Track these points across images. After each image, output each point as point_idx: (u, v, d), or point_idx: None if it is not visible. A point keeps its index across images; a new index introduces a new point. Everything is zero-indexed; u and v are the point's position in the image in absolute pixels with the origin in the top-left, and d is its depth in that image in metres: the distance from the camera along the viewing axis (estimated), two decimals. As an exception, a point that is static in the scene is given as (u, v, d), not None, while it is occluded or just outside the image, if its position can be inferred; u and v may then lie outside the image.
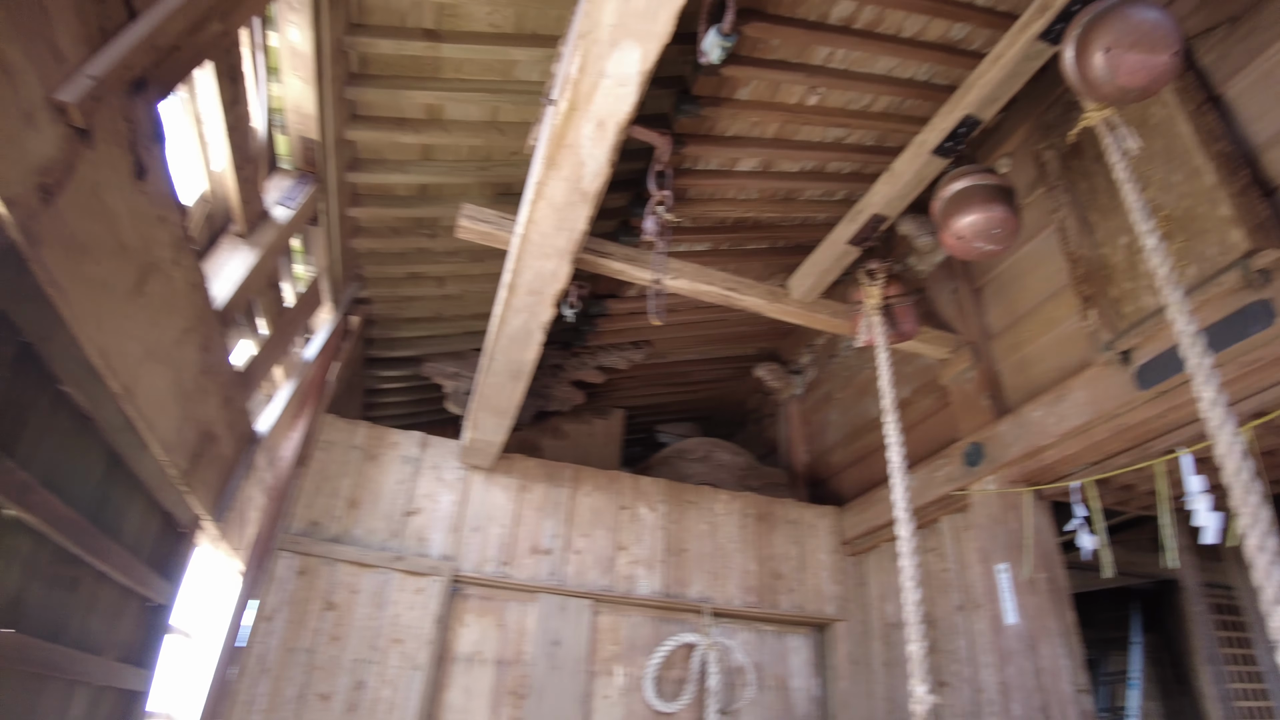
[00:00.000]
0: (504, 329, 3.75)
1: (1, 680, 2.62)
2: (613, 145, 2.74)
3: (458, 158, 4.21)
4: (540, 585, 4.83)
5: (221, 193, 3.35)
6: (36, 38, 1.85)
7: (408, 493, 4.85)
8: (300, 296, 4.46)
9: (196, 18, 2.38)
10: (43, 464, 2.64)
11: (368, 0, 3.29)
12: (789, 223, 5.29)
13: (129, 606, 3.65)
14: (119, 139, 2.27)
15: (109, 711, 3.57)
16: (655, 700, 4.76)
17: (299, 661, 4.20)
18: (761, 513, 5.61)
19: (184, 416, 3.38)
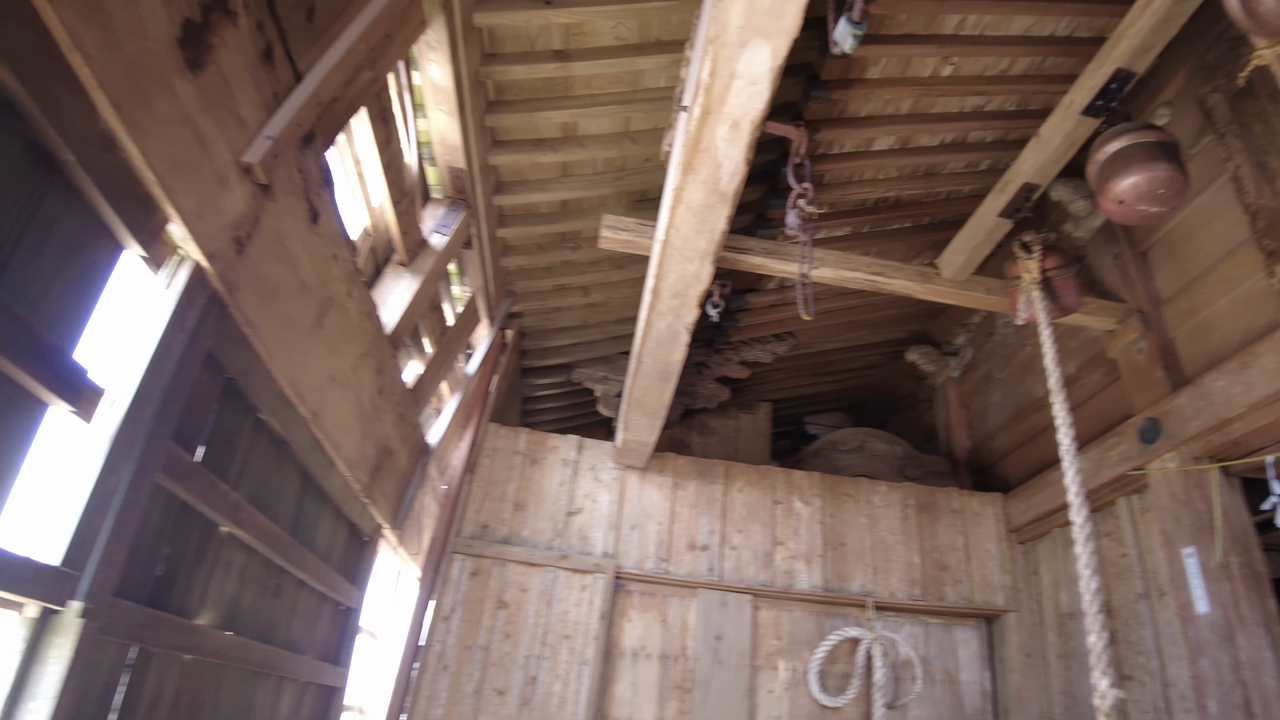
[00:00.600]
0: (650, 333, 3.82)
1: (225, 677, 2.96)
2: (748, 144, 2.74)
3: (594, 171, 4.33)
4: (700, 581, 4.89)
5: (382, 226, 3.61)
6: (223, 109, 2.08)
7: (568, 494, 5.04)
8: (459, 316, 4.74)
9: (351, 70, 2.59)
10: (249, 485, 2.96)
11: (498, 30, 3.45)
12: (932, 199, 5.08)
13: (324, 610, 4.01)
14: (295, 189, 2.51)
15: (311, 705, 3.95)
16: (820, 694, 4.71)
17: (475, 658, 4.46)
18: (923, 503, 5.43)
19: (364, 434, 3.68)
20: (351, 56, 2.52)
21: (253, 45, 2.13)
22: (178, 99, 1.89)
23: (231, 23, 2.03)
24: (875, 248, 5.29)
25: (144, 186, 1.90)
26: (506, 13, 3.28)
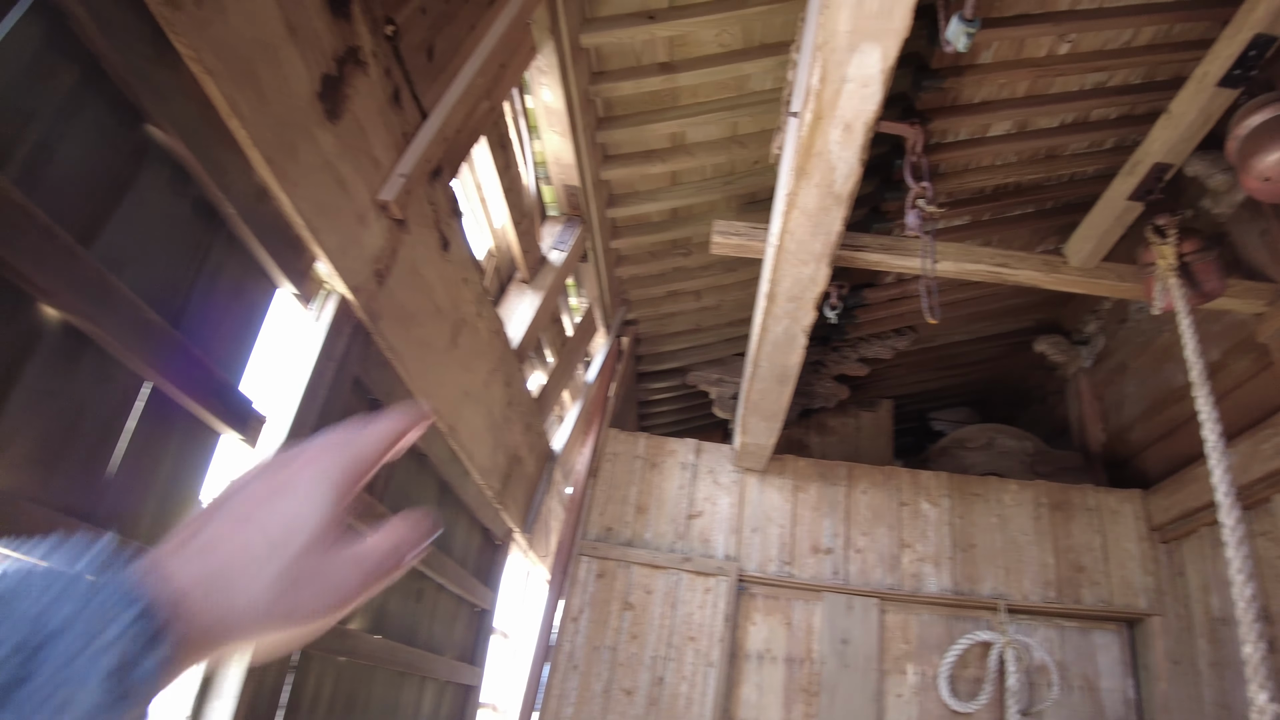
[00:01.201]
0: (766, 336, 3.81)
1: (374, 677, 3.17)
2: (862, 146, 2.70)
3: (703, 177, 4.36)
4: (824, 584, 4.84)
5: (505, 246, 3.77)
6: (359, 152, 2.24)
7: (688, 497, 5.09)
8: (578, 326, 4.88)
9: (471, 103, 2.72)
10: (394, 495, 3.16)
11: (604, 49, 3.53)
12: (1055, 182, 4.83)
13: (461, 612, 4.22)
14: (426, 221, 2.66)
15: (451, 704, 4.16)
16: (951, 699, 4.57)
17: (603, 658, 4.58)
18: (1056, 501, 5.16)
19: (495, 444, 3.86)
20: (471, 90, 2.65)
21: (382, 91, 2.28)
22: (319, 148, 2.05)
23: (363, 72, 2.18)
24: (996, 236, 5.08)
25: (294, 230, 2.08)
26: (612, 31, 3.36)
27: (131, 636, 0.33)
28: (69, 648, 0.32)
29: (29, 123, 1.37)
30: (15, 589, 0.33)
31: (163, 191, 1.69)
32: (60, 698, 0.31)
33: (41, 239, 1.36)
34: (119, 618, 0.33)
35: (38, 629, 0.32)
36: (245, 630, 0.42)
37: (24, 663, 0.31)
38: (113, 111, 1.53)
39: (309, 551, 0.45)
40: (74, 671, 0.31)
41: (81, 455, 1.51)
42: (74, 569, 0.34)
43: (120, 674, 0.33)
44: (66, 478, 1.48)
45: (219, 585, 0.41)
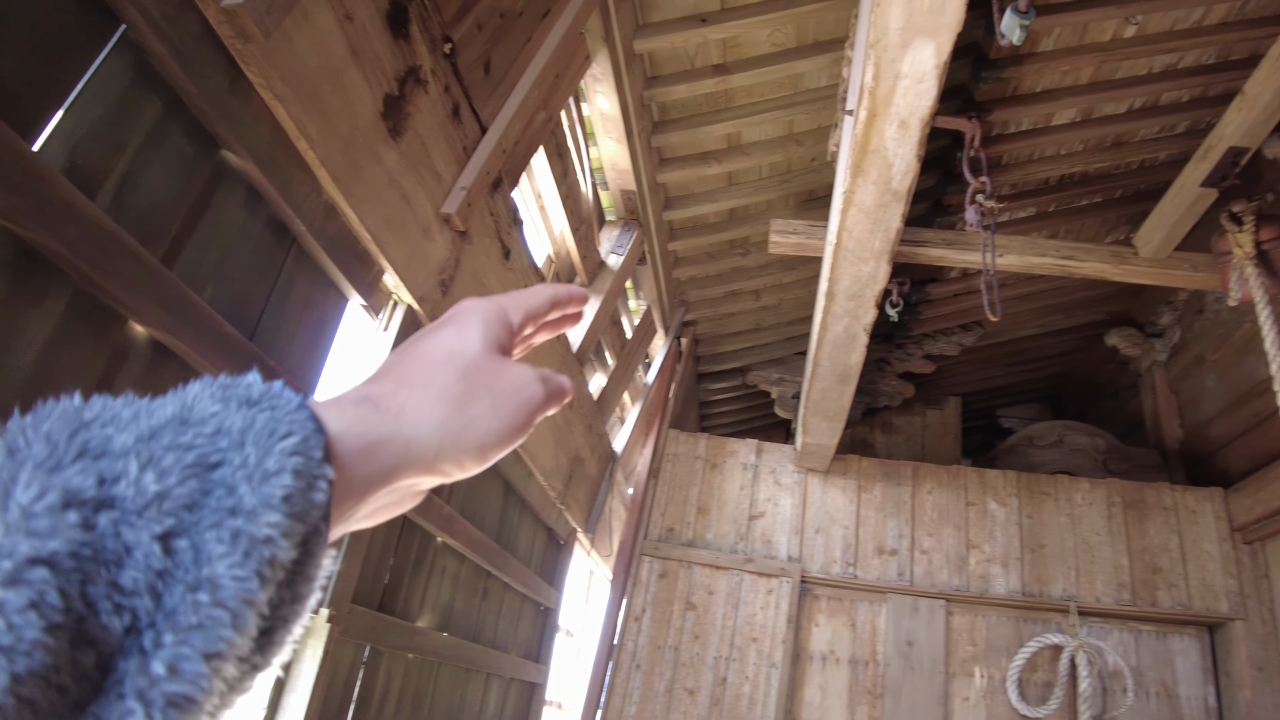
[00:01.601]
0: (826, 335, 3.79)
1: (441, 673, 3.27)
2: (918, 142, 2.67)
3: (760, 177, 4.35)
4: (889, 586, 4.78)
5: (564, 252, 3.84)
6: (422, 168, 2.32)
7: (750, 498, 5.08)
8: (636, 328, 4.92)
9: (528, 115, 2.78)
10: (459, 498, 3.25)
11: (658, 54, 3.56)
12: (1124, 170, 4.66)
13: (526, 611, 4.30)
14: (488, 231, 2.74)
15: (516, 700, 4.24)
16: (1020, 704, 4.45)
17: (666, 658, 4.61)
18: (1130, 500, 4.97)
19: (557, 446, 3.93)
20: (528, 102, 2.71)
21: (442, 107, 2.36)
22: (384, 165, 2.13)
23: (423, 90, 2.26)
24: (1063, 226, 4.94)
25: (361, 245, 2.17)
26: (665, 36, 3.39)
27: (301, 458, 0.31)
28: (244, 465, 0.30)
29: (118, 154, 1.47)
30: (189, 407, 0.32)
31: (237, 212, 1.79)
32: (237, 524, 0.29)
33: (130, 262, 1.46)
34: (286, 439, 0.31)
35: (213, 445, 0.30)
36: (416, 449, 0.39)
37: (203, 478, 0.30)
38: (191, 139, 1.63)
39: (474, 369, 0.42)
40: (250, 492, 0.30)
41: (169, 463, 1.61)
42: (231, 399, 0.33)
43: (297, 500, 0.31)
44: (155, 484, 1.58)
45: (384, 403, 0.39)
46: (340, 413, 0.37)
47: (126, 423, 0.30)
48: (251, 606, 0.29)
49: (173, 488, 0.29)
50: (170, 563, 0.28)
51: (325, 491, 0.33)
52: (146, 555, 0.27)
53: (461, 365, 0.42)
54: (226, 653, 0.29)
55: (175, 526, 0.28)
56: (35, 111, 1.32)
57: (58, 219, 1.32)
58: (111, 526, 0.27)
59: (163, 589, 0.28)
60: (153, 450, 0.29)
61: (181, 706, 0.27)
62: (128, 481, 0.28)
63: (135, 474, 0.28)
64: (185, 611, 0.28)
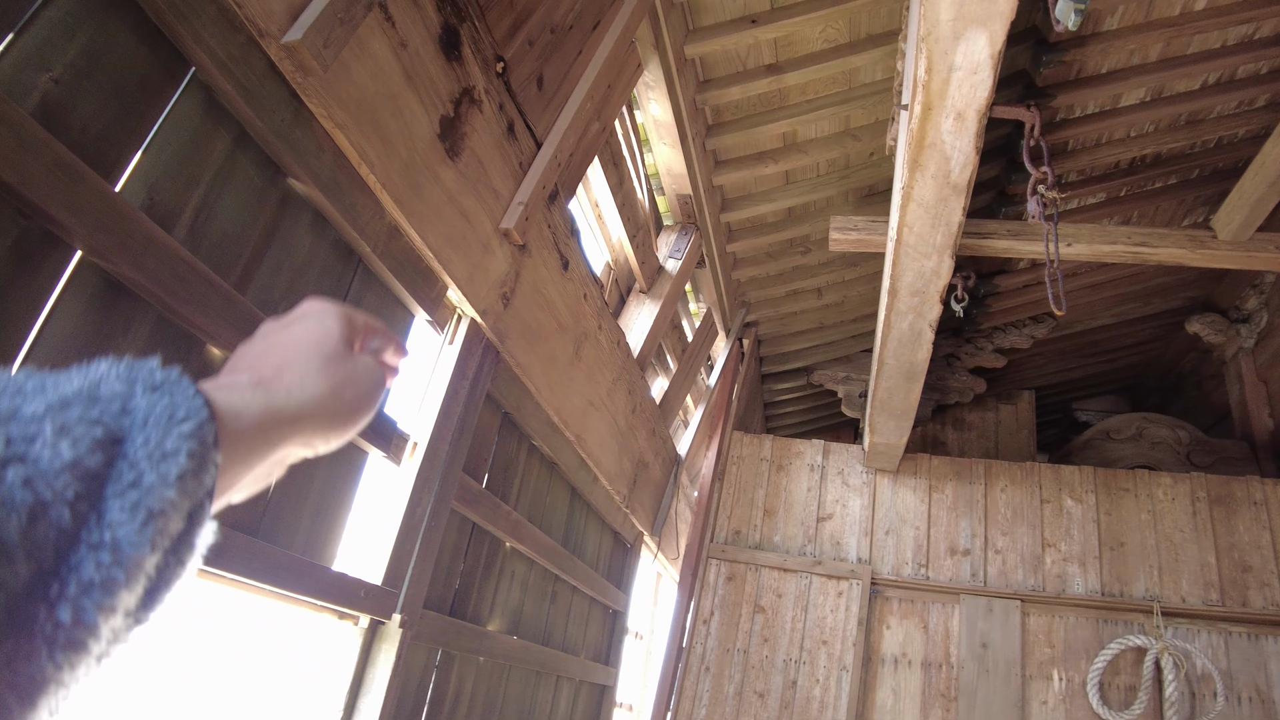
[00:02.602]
0: (890, 333, 3.73)
1: (512, 676, 3.33)
2: (976, 133, 2.61)
3: (817, 174, 4.31)
4: (962, 587, 4.66)
5: (622, 259, 3.87)
6: (480, 185, 2.38)
7: (817, 499, 5.03)
8: (697, 331, 4.93)
9: (582, 127, 2.82)
10: (527, 504, 3.31)
11: (709, 57, 3.56)
12: (1199, 149, 4.45)
13: (594, 614, 4.35)
14: (546, 243, 2.79)
15: (586, 703, 4.29)
16: (1101, 708, 4.27)
17: (735, 661, 4.59)
18: (1216, 495, 4.73)
19: (621, 450, 3.96)
20: (581, 114, 2.75)
21: (497, 125, 2.42)
22: (443, 185, 2.19)
23: (478, 109, 2.32)
24: (1136, 211, 4.74)
25: (425, 263, 2.24)
26: (715, 39, 3.39)
27: (195, 442, 0.35)
28: (145, 444, 0.33)
29: (192, 188, 1.56)
30: (96, 385, 0.34)
31: (305, 237, 1.87)
32: (137, 495, 0.32)
33: (206, 289, 1.55)
34: (183, 424, 0.34)
35: (120, 423, 0.33)
36: (300, 423, 0.44)
37: (109, 451, 0.32)
38: (259, 170, 1.71)
39: (337, 357, 0.48)
40: (150, 468, 0.33)
41: (247, 478, 1.70)
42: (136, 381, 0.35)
43: (189, 478, 0.34)
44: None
45: (273, 385, 0.44)
46: (239, 395, 0.41)
47: (32, 394, 0.32)
48: (142, 569, 0.33)
49: (84, 456, 0.31)
50: (76, 523, 0.31)
51: (212, 472, 0.36)
52: (59, 514, 0.30)
53: (327, 352, 0.48)
54: (118, 606, 0.32)
55: (83, 491, 0.31)
56: (116, 154, 1.41)
57: (139, 253, 1.41)
58: (21, 480, 0.29)
59: (68, 546, 0.31)
60: (65, 419, 0.32)
61: (77, 649, 0.31)
62: (43, 443, 0.31)
63: (50, 438, 0.31)
64: (88, 568, 0.31)
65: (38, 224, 1.28)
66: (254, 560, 1.69)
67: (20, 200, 1.23)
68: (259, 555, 1.71)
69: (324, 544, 2.01)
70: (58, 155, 1.27)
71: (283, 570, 1.78)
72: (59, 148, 1.27)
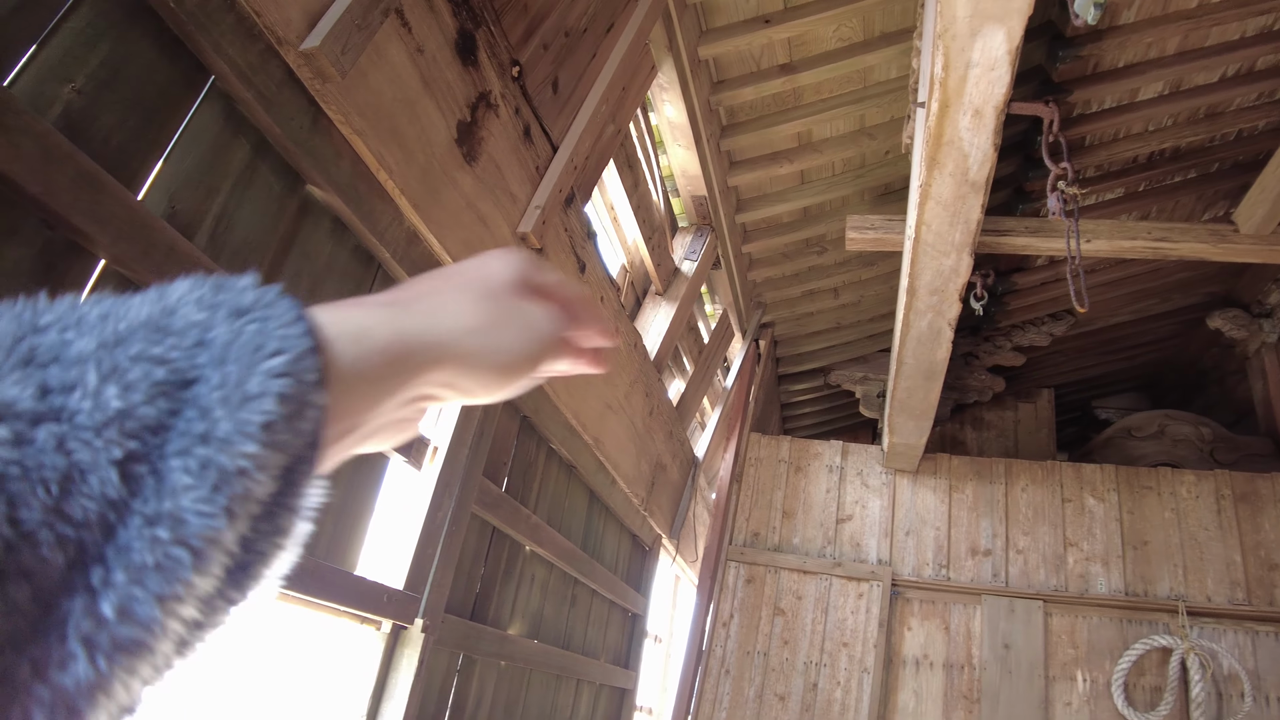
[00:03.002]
0: (909, 332, 3.70)
1: (533, 680, 3.33)
2: (994, 130, 2.59)
3: (833, 173, 4.29)
4: (983, 587, 4.62)
5: (638, 261, 3.87)
6: (497, 190, 2.38)
7: (836, 500, 5.00)
8: (713, 333, 4.92)
9: (597, 130, 2.82)
10: (546, 508, 3.31)
11: (723, 58, 3.55)
12: (1219, 142, 4.40)
13: (614, 617, 4.34)
14: (563, 247, 2.79)
15: (606, 706, 4.28)
16: (1126, 709, 4.21)
17: (755, 664, 4.57)
18: (1241, 492, 4.66)
19: (639, 453, 3.96)
20: (596, 117, 2.75)
21: (513, 129, 2.42)
22: (460, 190, 2.20)
23: (494, 114, 2.32)
24: (1155, 206, 4.69)
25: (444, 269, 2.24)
26: (729, 40, 3.38)
27: (289, 381, 0.28)
28: (223, 386, 0.26)
29: (212, 196, 1.57)
30: (170, 312, 0.28)
31: (324, 243, 1.88)
32: (207, 453, 0.25)
33: (228, 297, 1.55)
34: (274, 358, 0.28)
35: (192, 360, 0.27)
36: (440, 350, 0.36)
37: (174, 397, 0.26)
38: (278, 178, 1.72)
39: (503, 293, 0.40)
40: (226, 417, 0.26)
41: (270, 485, 1.71)
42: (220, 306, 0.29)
43: (279, 427, 0.27)
44: (259, 505, 1.67)
45: (413, 305, 0.37)
46: (364, 314, 0.34)
47: (92, 326, 0.26)
48: (216, 546, 0.26)
49: (138, 405, 0.25)
50: (127, 491, 0.25)
51: (314, 420, 0.29)
52: (102, 481, 0.24)
53: (493, 286, 0.40)
54: (185, 595, 0.26)
55: (137, 450, 0.25)
56: (138, 163, 1.42)
57: (162, 261, 1.42)
58: (54, 442, 0.24)
59: (116, 521, 0.25)
60: (117, 360, 0.26)
61: (131, 652, 0.25)
62: (84, 393, 0.25)
63: (95, 385, 0.25)
64: (141, 548, 0.25)
65: (61, 234, 1.29)
66: (277, 566, 1.69)
67: (45, 211, 1.24)
68: (282, 561, 1.71)
69: (346, 549, 2.02)
70: (81, 166, 1.28)
71: (305, 576, 1.78)
72: (83, 158, 1.28)
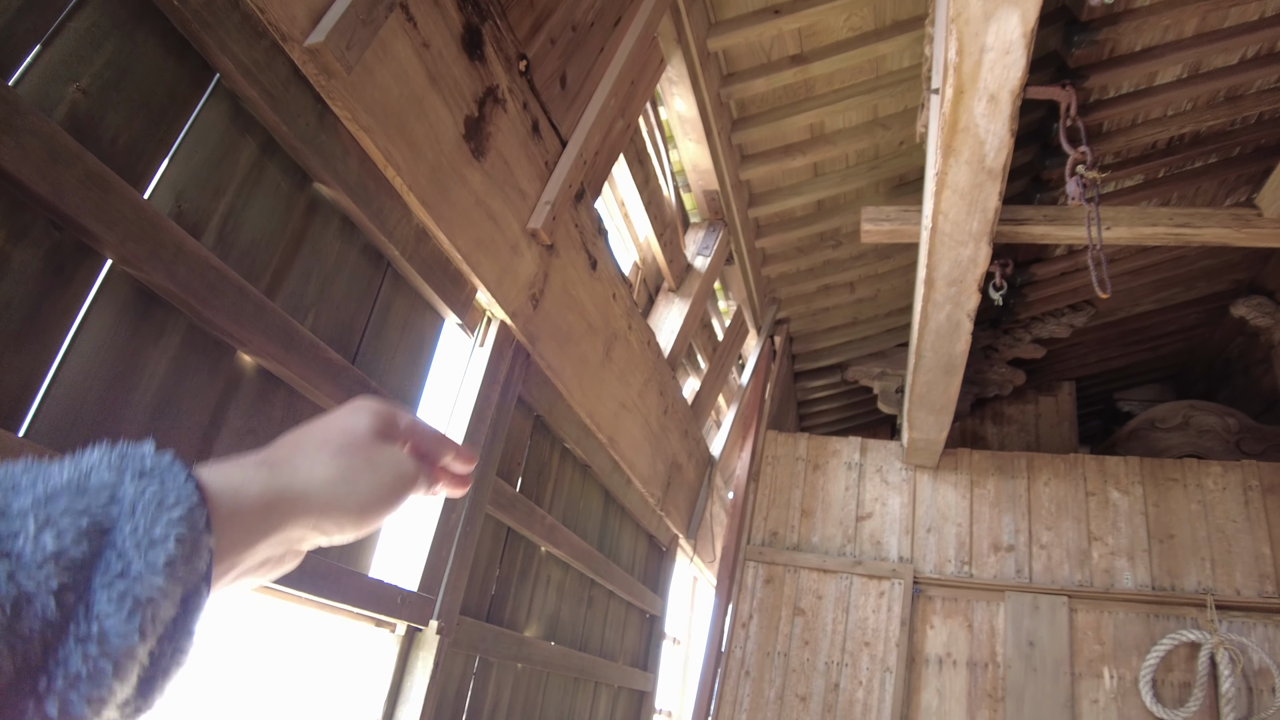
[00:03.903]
0: (927, 325, 3.65)
1: (550, 683, 3.30)
2: (1010, 116, 2.54)
3: (847, 165, 4.24)
4: (1007, 584, 4.55)
5: (650, 258, 3.84)
6: (507, 186, 2.36)
7: (856, 498, 4.95)
8: (728, 330, 4.88)
9: (606, 124, 2.79)
10: (561, 508, 3.29)
11: (733, 50, 3.52)
12: (1240, 126, 4.31)
13: (632, 619, 4.31)
14: (574, 243, 2.76)
15: (625, 709, 4.24)
16: (1155, 706, 4.14)
17: (775, 664, 4.52)
18: (1270, 483, 4.56)
19: (654, 452, 3.93)
20: (605, 112, 2.72)
21: (522, 124, 2.40)
22: (470, 186, 2.18)
23: (502, 109, 2.30)
24: (1176, 192, 4.61)
25: (454, 266, 2.22)
26: (738, 32, 3.35)
27: (184, 527, 0.34)
28: (134, 533, 0.33)
29: (220, 196, 1.55)
30: (86, 475, 0.34)
31: (333, 242, 1.86)
32: (124, 585, 0.32)
33: (236, 296, 1.54)
34: (172, 510, 0.35)
35: (107, 512, 0.33)
36: (304, 503, 0.43)
37: (95, 541, 0.33)
38: (286, 176, 1.70)
39: (358, 445, 0.47)
40: (138, 557, 0.33)
41: (282, 486, 1.69)
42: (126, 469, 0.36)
43: (179, 564, 0.34)
44: (271, 507, 1.65)
45: (279, 465, 0.44)
46: (241, 472, 0.41)
47: (25, 488, 0.33)
48: (133, 659, 0.33)
49: (68, 547, 0.32)
50: (61, 615, 0.31)
51: (205, 558, 0.36)
52: (43, 606, 0.30)
53: (348, 440, 0.48)
54: (108, 699, 0.32)
55: (69, 582, 0.31)
56: (145, 162, 1.40)
57: (170, 260, 1.41)
58: (6, 575, 0.30)
59: (54, 638, 0.31)
60: (50, 512, 0.32)
61: None
62: (25, 538, 0.31)
63: (34, 532, 0.31)
64: (75, 661, 0.31)
65: (70, 235, 1.28)
66: (291, 568, 1.68)
67: (53, 212, 1.23)
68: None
69: (360, 551, 2.00)
70: (89, 166, 1.26)
71: (319, 578, 1.76)
72: (90, 159, 1.27)
